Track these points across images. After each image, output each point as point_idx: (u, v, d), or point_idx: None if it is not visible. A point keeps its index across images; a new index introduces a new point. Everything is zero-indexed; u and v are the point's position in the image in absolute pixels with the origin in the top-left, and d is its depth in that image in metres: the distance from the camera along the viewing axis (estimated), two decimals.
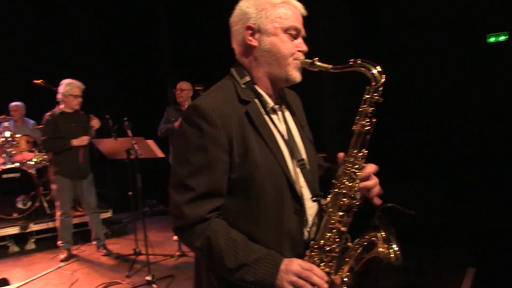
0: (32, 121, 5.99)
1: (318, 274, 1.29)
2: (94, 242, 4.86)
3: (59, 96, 4.50)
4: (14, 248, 5.00)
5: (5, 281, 3.55)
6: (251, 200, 1.34)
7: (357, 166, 1.37)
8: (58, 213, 4.66)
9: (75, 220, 5.09)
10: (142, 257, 4.41)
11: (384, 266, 1.39)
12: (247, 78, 1.42)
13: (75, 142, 4.49)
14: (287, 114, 1.51)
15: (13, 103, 5.87)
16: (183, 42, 6.60)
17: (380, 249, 1.36)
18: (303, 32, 1.43)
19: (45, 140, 4.51)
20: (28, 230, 5.04)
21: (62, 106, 4.51)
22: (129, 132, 4.11)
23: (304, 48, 1.43)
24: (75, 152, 4.52)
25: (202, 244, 1.30)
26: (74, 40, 6.81)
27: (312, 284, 1.27)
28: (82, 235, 5.20)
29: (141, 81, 6.76)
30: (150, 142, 4.23)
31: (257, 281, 1.27)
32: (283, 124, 1.46)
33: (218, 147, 1.30)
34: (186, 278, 4.07)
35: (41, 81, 4.98)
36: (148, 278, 3.84)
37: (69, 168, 4.55)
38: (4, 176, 5.06)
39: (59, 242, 4.74)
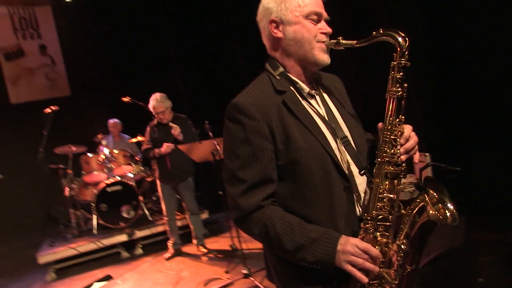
0: (127, 136, 6.45)
1: (373, 254, 1.30)
2: (195, 242, 5.11)
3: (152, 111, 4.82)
4: (125, 254, 5.43)
5: (109, 277, 3.93)
6: (300, 183, 1.39)
7: (395, 132, 1.37)
8: (164, 217, 5.07)
9: (184, 222, 5.41)
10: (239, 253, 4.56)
11: (448, 229, 1.34)
12: (281, 69, 1.48)
13: (159, 150, 4.76)
14: (326, 96, 1.53)
15: (111, 121, 6.37)
16: (255, 41, 6.69)
17: (431, 212, 1.32)
18: (325, 15, 1.47)
19: (142, 150, 5.04)
20: (135, 237, 5.45)
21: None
22: (211, 134, 4.27)
23: (328, 30, 1.46)
24: (164, 159, 4.80)
25: (261, 231, 1.38)
26: (154, 52, 7.20)
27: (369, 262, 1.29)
28: (187, 236, 5.45)
29: (216, 82, 6.95)
30: None
31: (317, 261, 1.32)
32: (322, 107, 1.49)
33: (261, 138, 1.38)
34: None
35: (128, 98, 5.35)
36: (245, 271, 3.96)
37: (163, 174, 4.88)
38: (109, 189, 5.50)
39: (169, 244, 5.09)
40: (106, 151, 5.71)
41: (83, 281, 4.82)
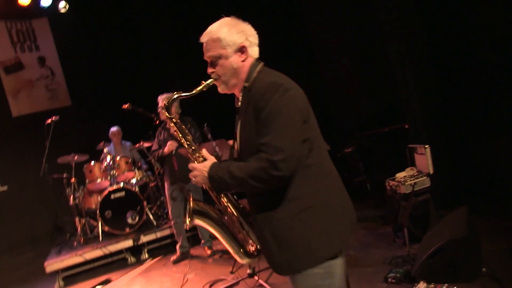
0: (128, 143, 6.51)
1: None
2: (203, 242, 5.14)
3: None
4: (131, 259, 5.48)
5: (108, 281, 4.00)
6: None
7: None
8: (171, 220, 5.10)
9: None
10: None
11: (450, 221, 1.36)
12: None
13: (164, 149, 4.81)
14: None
15: (112, 129, 6.42)
16: None
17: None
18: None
19: (150, 152, 5.28)
20: (140, 242, 5.50)
21: None
22: (209, 136, 4.31)
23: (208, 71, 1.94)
24: (171, 160, 4.85)
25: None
26: (152, 58, 7.26)
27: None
28: (194, 238, 5.47)
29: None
30: (232, 142, 4.39)
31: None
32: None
33: None
34: None
35: (128, 105, 5.39)
36: (249, 271, 4.00)
37: (171, 176, 4.92)
38: (113, 196, 5.56)
39: (176, 247, 5.14)
40: (108, 158, 5.76)
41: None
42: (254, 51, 1.90)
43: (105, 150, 5.97)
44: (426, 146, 4.02)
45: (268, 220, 1.80)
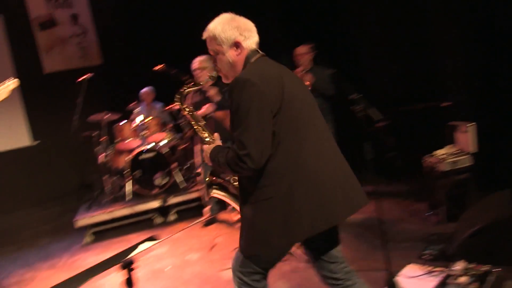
0: (160, 104, 6.48)
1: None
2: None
3: None
4: (158, 220, 5.54)
5: (153, 238, 4.00)
6: None
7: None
8: (201, 183, 5.08)
9: None
10: None
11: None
12: None
13: (200, 112, 4.74)
14: None
15: (143, 90, 6.40)
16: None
17: None
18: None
19: None
20: (168, 204, 5.53)
21: None
22: None
23: None
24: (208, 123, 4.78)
25: None
26: (188, 19, 7.11)
27: None
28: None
29: None
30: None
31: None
32: None
33: None
34: None
35: (162, 66, 5.30)
36: None
37: None
38: (142, 157, 5.57)
39: (205, 210, 5.15)
40: (139, 118, 5.75)
41: (120, 244, 4.97)
42: (250, 43, 2.04)
43: (136, 110, 5.96)
44: (471, 123, 3.89)
45: (244, 201, 2.00)
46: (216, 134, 2.26)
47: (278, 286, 3.44)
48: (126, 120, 5.93)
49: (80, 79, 5.79)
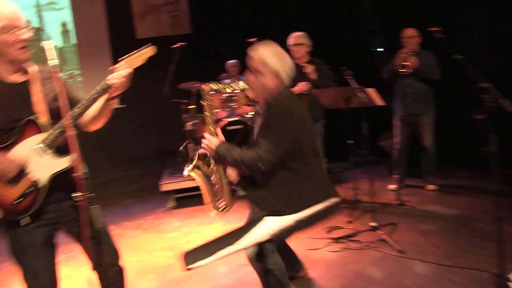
0: (245, 78, 6.43)
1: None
2: None
3: None
4: (241, 192, 5.53)
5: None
6: None
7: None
8: None
9: None
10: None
11: None
12: None
13: (293, 90, 4.64)
14: None
15: (230, 61, 6.39)
16: None
17: None
18: None
19: None
20: None
21: None
22: (352, 81, 4.08)
23: None
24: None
25: None
26: None
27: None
28: None
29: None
30: (371, 90, 4.14)
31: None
32: None
33: None
34: (408, 227, 3.99)
35: (254, 40, 5.23)
36: (373, 224, 3.85)
37: None
38: (229, 128, 5.58)
39: None
40: (228, 90, 5.72)
41: (202, 212, 5.02)
42: (285, 79, 2.40)
43: (226, 81, 5.96)
44: None
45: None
46: (219, 129, 2.69)
47: (371, 271, 3.34)
48: (215, 91, 5.92)
49: (174, 46, 5.84)
